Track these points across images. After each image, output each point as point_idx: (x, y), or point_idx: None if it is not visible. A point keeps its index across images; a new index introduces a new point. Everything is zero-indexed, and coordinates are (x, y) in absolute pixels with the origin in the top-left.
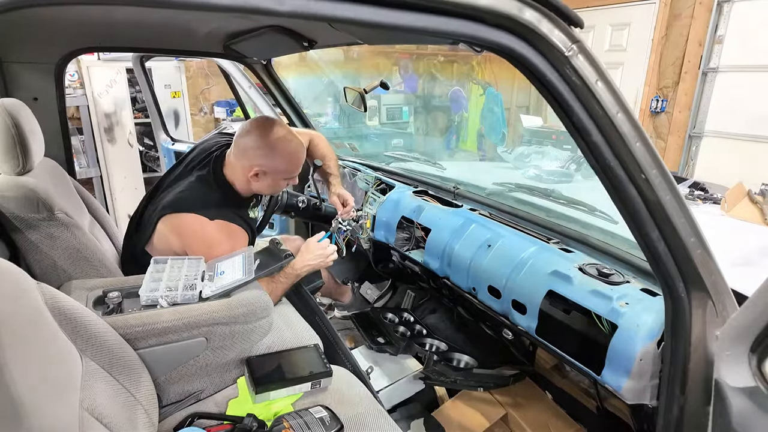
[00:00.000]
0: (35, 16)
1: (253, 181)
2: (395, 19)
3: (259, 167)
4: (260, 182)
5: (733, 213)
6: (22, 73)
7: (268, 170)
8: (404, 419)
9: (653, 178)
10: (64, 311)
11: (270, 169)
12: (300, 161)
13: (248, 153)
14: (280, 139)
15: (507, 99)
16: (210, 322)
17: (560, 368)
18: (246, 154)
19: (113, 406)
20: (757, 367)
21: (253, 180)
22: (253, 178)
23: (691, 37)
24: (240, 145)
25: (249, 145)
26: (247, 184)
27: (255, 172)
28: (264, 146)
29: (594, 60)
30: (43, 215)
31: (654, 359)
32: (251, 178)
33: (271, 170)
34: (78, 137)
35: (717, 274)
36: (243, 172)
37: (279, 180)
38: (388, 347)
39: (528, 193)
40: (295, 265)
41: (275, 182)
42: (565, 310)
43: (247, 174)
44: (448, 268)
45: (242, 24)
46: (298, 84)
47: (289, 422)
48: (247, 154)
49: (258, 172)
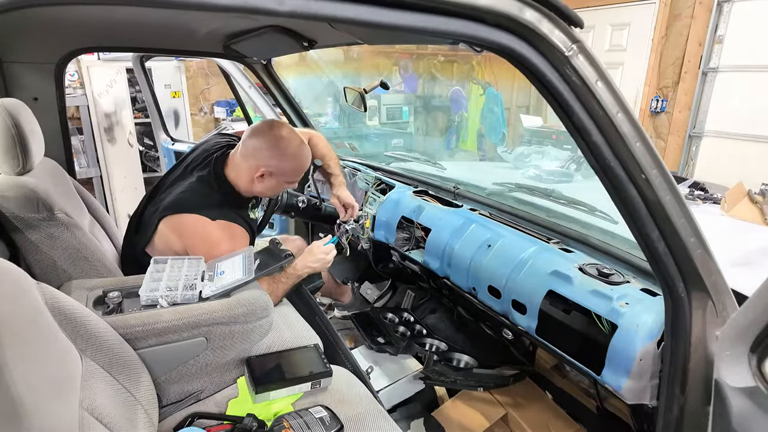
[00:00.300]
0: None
1: (258, 181)
2: (395, 19)
3: (266, 168)
4: (264, 183)
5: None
6: (22, 73)
7: (275, 171)
8: (404, 419)
9: (653, 178)
10: (64, 311)
11: (277, 170)
12: (305, 168)
13: (257, 153)
14: (290, 144)
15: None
16: (210, 322)
17: (560, 368)
18: (255, 155)
19: (113, 406)
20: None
21: (258, 181)
22: (258, 178)
23: (691, 37)
24: (249, 145)
25: (259, 146)
26: (250, 185)
27: (261, 172)
28: (275, 148)
29: (594, 60)
30: (43, 215)
31: (654, 359)
32: (256, 179)
33: (277, 172)
34: (78, 137)
35: (717, 274)
36: (249, 172)
37: (282, 182)
38: (388, 347)
39: (528, 193)
40: (296, 265)
41: (278, 184)
42: (565, 310)
43: (253, 174)
44: (448, 268)
45: (242, 24)
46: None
47: (289, 422)
48: (255, 155)
49: (264, 173)
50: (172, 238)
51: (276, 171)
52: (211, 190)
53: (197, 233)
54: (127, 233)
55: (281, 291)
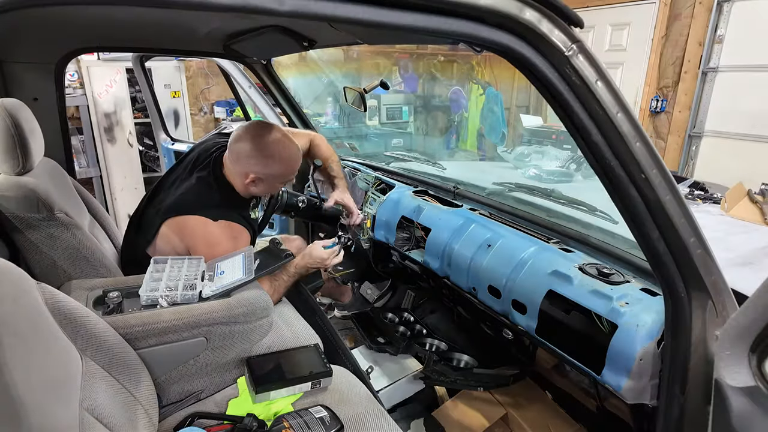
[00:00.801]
0: (35, 16)
1: (251, 185)
2: (395, 19)
3: (255, 174)
4: (257, 187)
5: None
6: (22, 73)
7: (263, 177)
8: (404, 419)
9: (653, 178)
10: (64, 311)
11: (265, 175)
12: (296, 164)
13: (242, 161)
14: (273, 146)
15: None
16: (210, 321)
17: (560, 368)
18: (240, 161)
19: (113, 406)
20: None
21: (251, 185)
22: (250, 183)
23: (691, 36)
24: (234, 151)
25: (243, 153)
26: (245, 188)
27: (251, 178)
28: (257, 155)
29: (594, 60)
30: (43, 215)
31: (654, 359)
32: (248, 184)
33: (266, 176)
34: (78, 137)
35: (717, 274)
36: (240, 176)
37: (276, 183)
38: (388, 347)
39: (528, 192)
40: (297, 264)
41: (272, 186)
42: (565, 310)
43: (244, 180)
44: (448, 268)
45: (242, 24)
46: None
47: (289, 422)
48: (241, 162)
49: (254, 178)
50: (174, 239)
51: (264, 176)
52: (211, 190)
53: (199, 234)
54: (127, 233)
55: (282, 290)
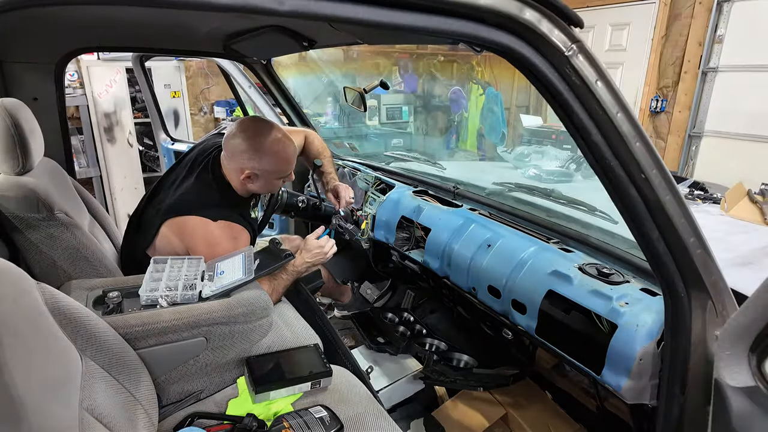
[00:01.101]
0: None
1: (247, 182)
2: (395, 19)
3: (250, 170)
4: (254, 184)
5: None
6: (22, 73)
7: (258, 172)
8: (404, 419)
9: (653, 178)
10: (64, 311)
11: (260, 171)
12: (291, 159)
13: (236, 157)
14: (266, 141)
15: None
16: (210, 321)
17: (560, 368)
18: (234, 158)
19: (113, 406)
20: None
21: (247, 182)
22: (246, 180)
23: (691, 36)
24: (228, 148)
25: (236, 149)
26: (243, 186)
27: (247, 174)
28: (250, 149)
29: (594, 60)
30: (43, 215)
31: (654, 359)
32: (244, 180)
33: (262, 172)
34: (78, 137)
35: (717, 274)
36: (236, 174)
37: (273, 180)
38: (388, 347)
39: (528, 192)
40: (295, 263)
41: (269, 182)
42: (565, 310)
43: (239, 176)
44: (447, 268)
45: (242, 24)
46: (298, 84)
47: (289, 422)
48: (235, 158)
49: (249, 174)
50: (174, 239)
51: (260, 172)
52: (211, 190)
53: (199, 234)
54: (127, 233)
55: (281, 289)
